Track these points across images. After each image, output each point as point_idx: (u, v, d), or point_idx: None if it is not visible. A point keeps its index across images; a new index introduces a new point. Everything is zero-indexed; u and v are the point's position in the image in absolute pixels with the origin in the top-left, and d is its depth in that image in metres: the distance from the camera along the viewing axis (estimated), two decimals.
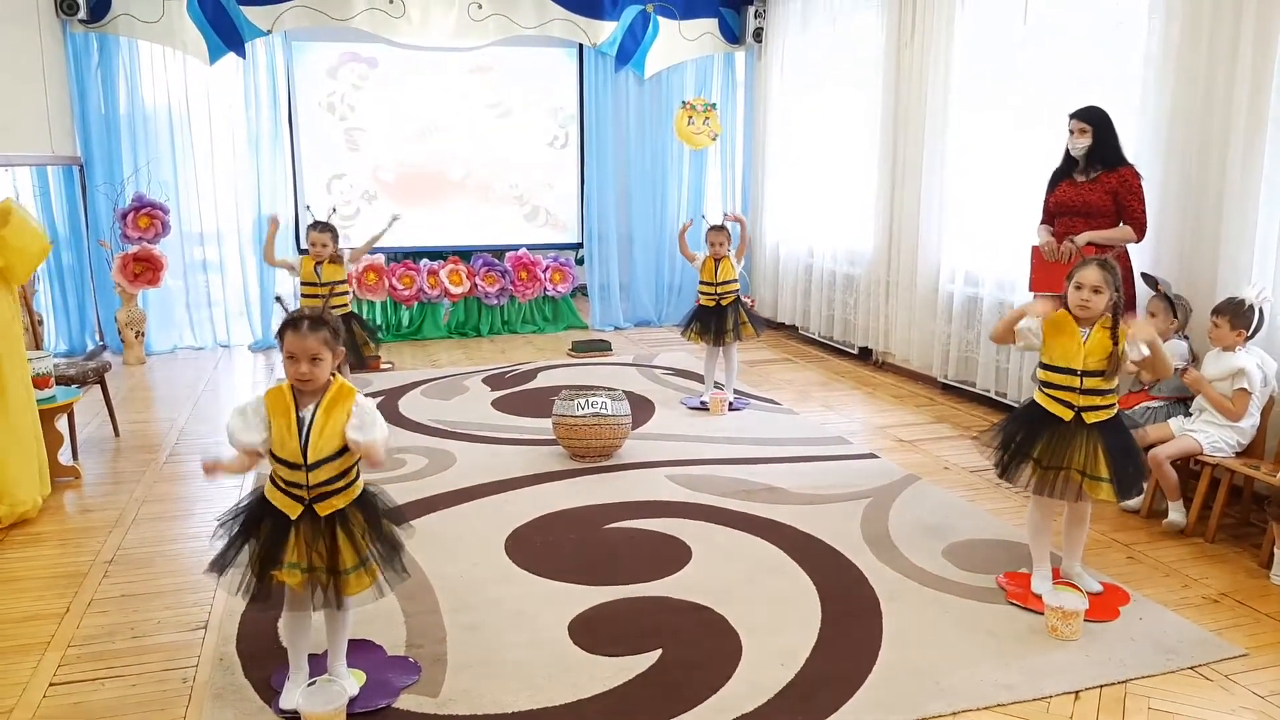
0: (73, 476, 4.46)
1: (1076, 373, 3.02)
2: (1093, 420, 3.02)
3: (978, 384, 5.82)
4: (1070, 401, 3.03)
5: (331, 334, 2.42)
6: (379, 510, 2.55)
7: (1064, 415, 3.04)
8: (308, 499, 2.41)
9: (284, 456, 2.40)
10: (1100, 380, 3.02)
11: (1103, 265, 3.00)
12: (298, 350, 2.37)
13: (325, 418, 2.40)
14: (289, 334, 2.39)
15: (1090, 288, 2.98)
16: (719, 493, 4.21)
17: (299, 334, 2.37)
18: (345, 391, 2.45)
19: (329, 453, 2.40)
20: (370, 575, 2.47)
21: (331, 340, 2.41)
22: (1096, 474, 2.99)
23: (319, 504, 2.42)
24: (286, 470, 2.40)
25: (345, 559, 2.43)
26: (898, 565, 3.46)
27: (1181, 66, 4.30)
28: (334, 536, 2.43)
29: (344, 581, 2.42)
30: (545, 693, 2.62)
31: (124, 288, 7.03)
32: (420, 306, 8.14)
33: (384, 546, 2.51)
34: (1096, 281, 2.98)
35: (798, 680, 2.68)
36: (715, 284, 5.56)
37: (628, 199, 8.56)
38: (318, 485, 2.41)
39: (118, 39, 7.13)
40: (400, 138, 8.09)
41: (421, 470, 4.54)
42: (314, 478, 2.40)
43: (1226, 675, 2.74)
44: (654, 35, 8.30)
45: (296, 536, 2.41)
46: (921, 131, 6.15)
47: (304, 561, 2.40)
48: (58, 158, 6.88)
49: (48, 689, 2.68)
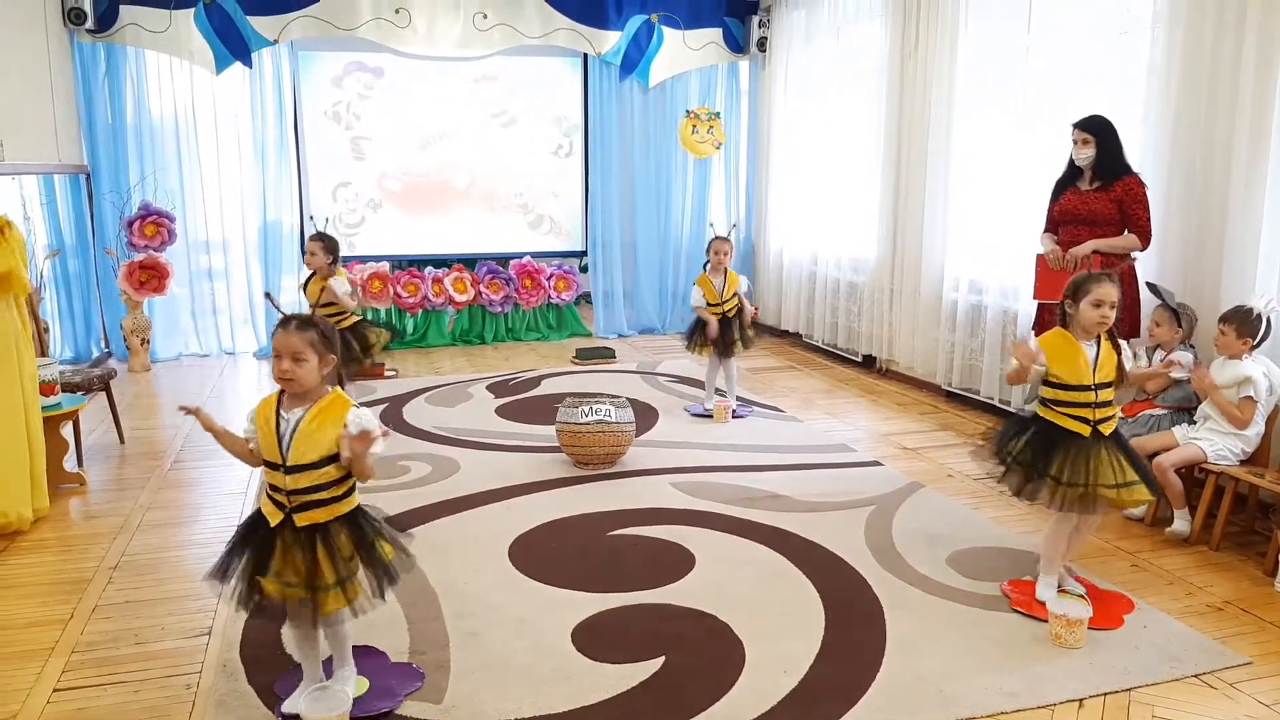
0: (77, 483, 4.46)
1: (1091, 388, 3.02)
2: (1106, 431, 3.04)
3: (981, 391, 5.82)
4: (1086, 417, 3.03)
5: (320, 337, 2.42)
6: (370, 533, 2.50)
7: (1083, 431, 3.03)
8: (288, 506, 2.40)
9: (267, 457, 2.41)
10: (1109, 391, 3.04)
11: (1112, 280, 3.02)
12: (281, 347, 2.38)
13: (312, 424, 2.39)
14: (276, 332, 2.42)
15: (1110, 304, 2.98)
16: (722, 500, 4.21)
17: (285, 332, 2.40)
18: (340, 402, 2.44)
19: (311, 459, 2.38)
20: (349, 595, 2.41)
21: (319, 343, 2.41)
22: (1129, 479, 2.99)
23: (298, 514, 2.39)
24: (270, 472, 2.42)
25: (324, 575, 2.38)
26: (901, 573, 3.45)
27: (1185, 75, 4.31)
28: (314, 551, 2.39)
29: (320, 598, 2.38)
30: (547, 700, 2.62)
31: (130, 295, 7.05)
32: (425, 314, 8.15)
33: (375, 570, 2.46)
34: (1115, 299, 2.99)
35: (801, 688, 2.68)
36: (722, 302, 5.55)
37: (632, 207, 8.58)
38: (297, 492, 2.38)
39: (125, 48, 7.16)
40: (406, 147, 8.11)
41: (425, 477, 4.54)
42: (292, 482, 2.38)
43: (1231, 683, 2.73)
44: (658, 45, 8.33)
45: (282, 545, 2.40)
46: (925, 140, 6.16)
47: (284, 573, 2.37)
48: (64, 166, 6.91)
49: (51, 695, 2.68)
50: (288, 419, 2.40)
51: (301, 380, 2.39)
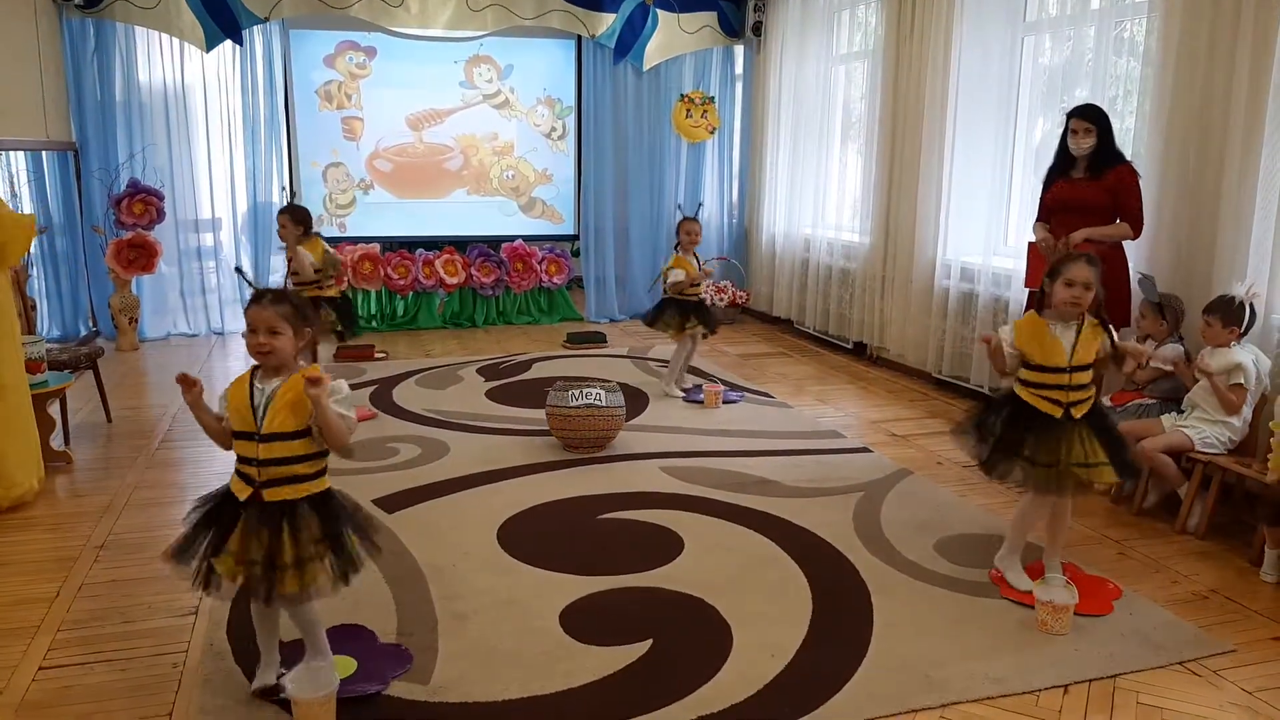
0: (64, 461, 4.44)
1: (1065, 370, 3.03)
2: (1080, 414, 3.04)
3: (971, 379, 5.83)
4: (1059, 399, 3.04)
5: (293, 310, 2.41)
6: (341, 519, 2.44)
7: (1054, 413, 3.05)
8: (257, 480, 2.35)
9: (239, 427, 2.38)
10: (1086, 374, 3.04)
11: (1090, 261, 3.02)
12: (256, 321, 2.38)
13: (289, 394, 2.35)
14: (250, 306, 2.41)
15: (1082, 284, 2.99)
16: (712, 485, 4.22)
17: (259, 306, 2.39)
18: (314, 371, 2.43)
19: (287, 428, 2.35)
20: (309, 577, 2.34)
21: (293, 316, 2.40)
22: (1096, 460, 3.00)
23: (267, 489, 2.35)
24: (240, 444, 2.38)
25: (285, 554, 2.32)
26: (889, 559, 3.46)
27: (1180, 64, 4.30)
28: (278, 529, 2.34)
29: (278, 576, 2.32)
30: (536, 682, 2.62)
31: (118, 274, 7.00)
32: (415, 296, 8.12)
33: (340, 558, 2.39)
34: (1088, 278, 2.99)
35: (788, 672, 2.69)
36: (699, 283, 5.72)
37: (625, 191, 8.55)
38: (269, 463, 2.34)
39: (114, 25, 7.09)
40: (397, 127, 8.06)
41: (415, 459, 4.53)
42: (265, 451, 2.34)
43: (1215, 671, 2.75)
44: (653, 28, 8.28)
45: (242, 524, 2.35)
46: (919, 127, 6.14)
47: (244, 551, 2.33)
48: (53, 143, 6.85)
49: (37, 672, 2.67)
50: (263, 389, 2.38)
51: (278, 353, 2.38)
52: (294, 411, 2.36)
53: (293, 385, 2.37)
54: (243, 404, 2.38)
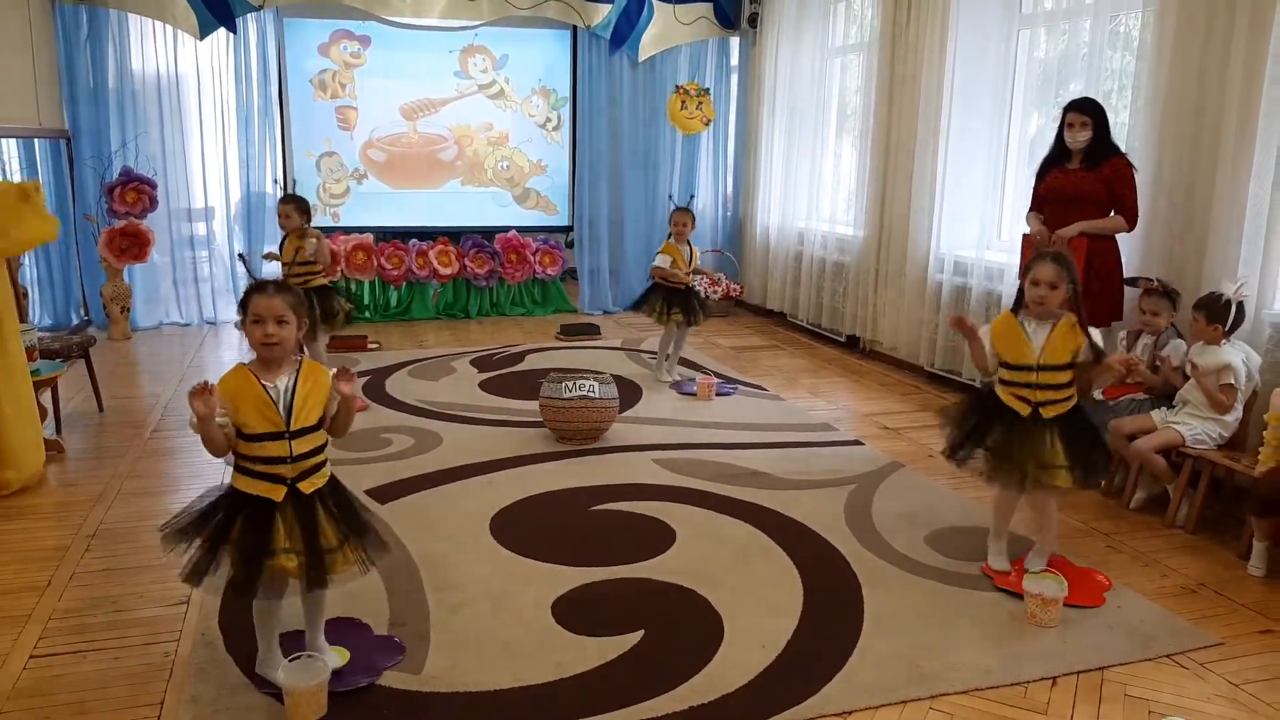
0: (56, 451, 4.43)
1: (1032, 368, 3.05)
2: (1051, 415, 3.05)
3: (963, 373, 5.84)
4: (1027, 397, 3.07)
5: (297, 301, 2.44)
6: (348, 492, 2.55)
7: (1021, 410, 3.07)
8: (291, 477, 2.37)
9: (261, 430, 2.33)
10: (1056, 374, 3.05)
11: (1056, 260, 3.03)
12: (265, 311, 2.36)
13: (306, 385, 2.39)
14: (255, 297, 2.39)
15: (1046, 284, 3.01)
16: (704, 477, 4.23)
17: (266, 295, 2.39)
18: (315, 365, 2.47)
19: (312, 421, 2.41)
20: (355, 552, 2.45)
21: (298, 306, 2.43)
22: (1054, 462, 3.02)
23: (302, 482, 2.38)
24: (265, 446, 2.34)
25: (330, 538, 2.41)
26: (880, 551, 3.48)
27: (1174, 59, 4.31)
28: (314, 517, 2.40)
29: (331, 560, 2.40)
30: (528, 672, 2.63)
31: (110, 262, 6.97)
32: (409, 287, 8.10)
33: (355, 527, 2.49)
34: (1052, 277, 3.01)
35: (779, 662, 2.70)
36: (688, 270, 5.76)
37: (619, 183, 8.53)
38: (302, 456, 2.37)
39: (107, 11, 7.05)
40: (391, 117, 8.04)
41: (407, 450, 4.53)
42: (298, 447, 2.36)
43: (1202, 664, 2.77)
44: (649, 19, 8.26)
45: (284, 521, 2.36)
46: (914, 120, 6.15)
47: (297, 545, 2.36)
48: (45, 130, 6.81)
49: (28, 661, 2.67)
50: (278, 387, 2.37)
51: (286, 342, 2.39)
52: (319, 403, 2.41)
53: (309, 376, 2.40)
54: (263, 404, 2.34)
